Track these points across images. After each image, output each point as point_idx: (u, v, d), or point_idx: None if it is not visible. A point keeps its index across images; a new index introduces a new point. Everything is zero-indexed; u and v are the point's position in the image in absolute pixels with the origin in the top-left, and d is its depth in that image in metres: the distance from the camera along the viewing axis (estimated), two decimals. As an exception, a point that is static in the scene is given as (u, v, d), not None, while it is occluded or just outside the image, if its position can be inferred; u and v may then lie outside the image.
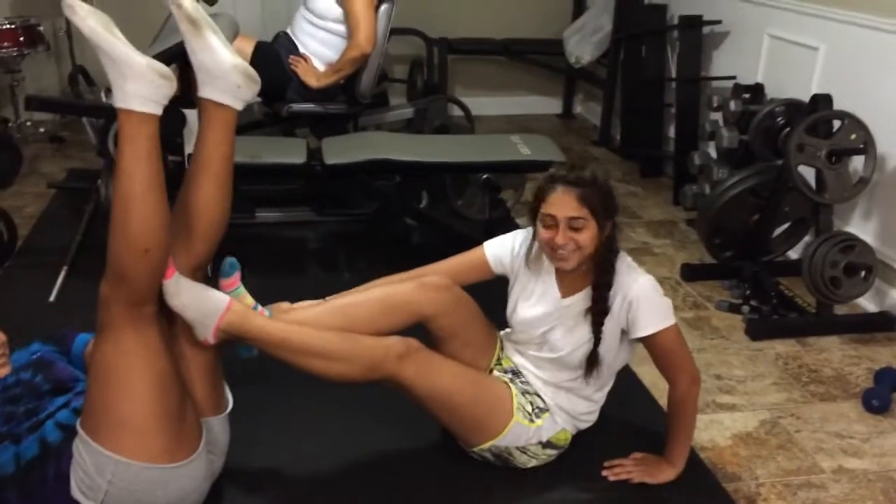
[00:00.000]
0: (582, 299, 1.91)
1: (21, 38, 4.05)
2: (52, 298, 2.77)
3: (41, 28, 4.19)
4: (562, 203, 1.80)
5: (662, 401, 2.33)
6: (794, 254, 3.23)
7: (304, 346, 1.77)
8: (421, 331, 1.94)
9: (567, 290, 1.93)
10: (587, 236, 1.81)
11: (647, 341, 1.88)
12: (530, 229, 1.97)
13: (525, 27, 5.15)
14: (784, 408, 2.35)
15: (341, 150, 2.90)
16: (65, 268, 2.92)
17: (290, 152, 2.93)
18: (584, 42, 4.76)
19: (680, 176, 3.89)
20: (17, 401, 1.77)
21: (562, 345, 1.92)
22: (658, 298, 1.87)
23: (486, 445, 1.93)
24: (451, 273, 1.99)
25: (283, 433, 2.11)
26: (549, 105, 5.52)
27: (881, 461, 2.12)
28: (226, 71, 1.68)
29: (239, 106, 1.74)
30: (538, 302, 1.97)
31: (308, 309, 1.92)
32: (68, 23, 4.37)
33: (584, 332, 1.90)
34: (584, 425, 2.04)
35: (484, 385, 1.93)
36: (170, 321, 1.72)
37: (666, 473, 1.96)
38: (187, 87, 2.74)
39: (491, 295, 2.05)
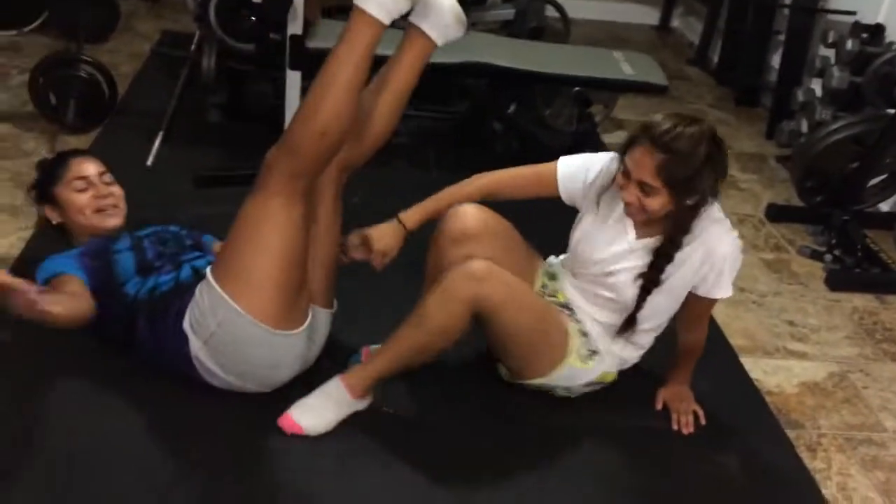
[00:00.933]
0: (653, 246, 1.82)
1: None
2: (149, 163, 2.85)
3: None
4: (640, 163, 1.69)
5: (732, 339, 2.37)
6: (884, 206, 3.15)
7: (413, 352, 1.82)
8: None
9: (642, 231, 1.83)
10: (657, 203, 1.71)
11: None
12: (608, 156, 1.88)
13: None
14: (854, 362, 2.36)
15: (440, 49, 2.85)
16: (161, 133, 2.99)
17: (388, 44, 2.89)
18: (696, -47, 4.52)
19: (778, 109, 3.76)
20: (165, 242, 1.98)
21: (623, 289, 1.85)
22: (739, 264, 1.84)
23: (536, 381, 1.92)
24: (515, 181, 1.97)
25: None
26: (646, 15, 5.31)
27: (946, 429, 2.15)
28: (443, 9, 1.80)
29: (441, 42, 1.85)
30: (609, 237, 1.87)
31: None
32: None
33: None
34: (628, 365, 2.01)
35: (548, 320, 1.88)
36: (315, 206, 1.81)
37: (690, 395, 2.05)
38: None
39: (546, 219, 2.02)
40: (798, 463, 1.96)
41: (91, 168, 2.01)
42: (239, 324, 1.71)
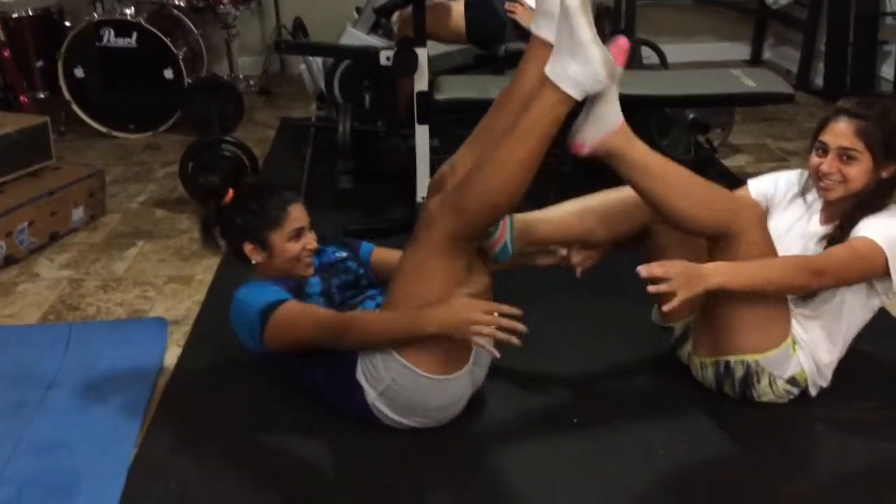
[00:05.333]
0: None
1: (236, -4, 4.33)
2: (295, 227, 2.98)
3: (253, -15, 4.46)
4: (837, 132, 1.81)
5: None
6: None
7: (676, 184, 1.76)
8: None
9: (827, 219, 1.91)
10: (857, 170, 1.80)
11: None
12: (796, 171, 2.01)
13: (716, -31, 4.99)
14: None
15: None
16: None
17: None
18: (784, -19, 4.56)
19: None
20: (349, 287, 1.99)
21: None
22: (892, 228, 1.78)
23: (749, 358, 1.84)
24: None
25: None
26: (736, 51, 5.32)
27: None
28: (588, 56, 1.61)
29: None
30: (799, 228, 1.95)
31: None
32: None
33: None
34: (820, 380, 1.93)
35: (783, 294, 1.86)
36: None
37: (697, 284, 1.70)
38: (419, 30, 2.87)
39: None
40: None
41: (305, 218, 1.92)
42: (411, 378, 1.74)
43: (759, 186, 2.05)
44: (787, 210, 2.00)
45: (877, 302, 1.89)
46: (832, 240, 1.84)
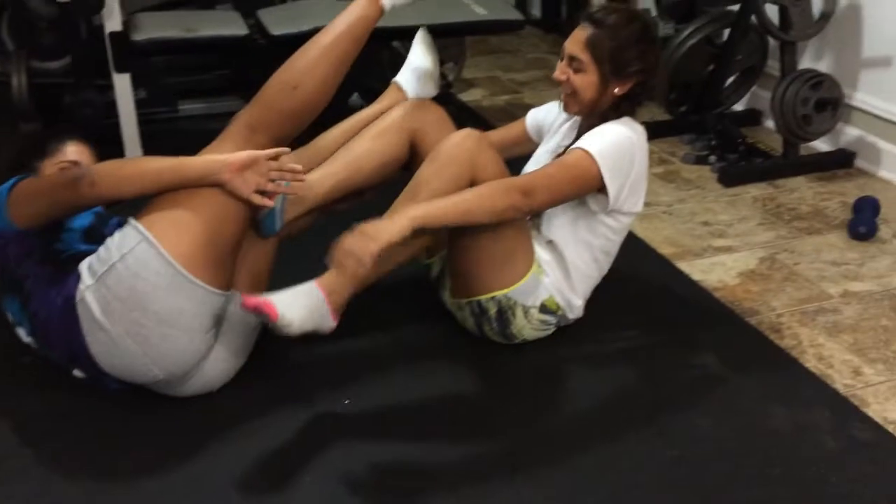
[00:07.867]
0: None
1: None
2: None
3: None
4: (573, 38, 1.74)
5: (660, 249, 2.33)
6: (738, 107, 3.26)
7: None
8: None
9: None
10: (583, 82, 1.73)
11: None
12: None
13: None
14: (776, 244, 2.38)
15: (286, 20, 2.60)
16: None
17: (226, 24, 2.60)
18: None
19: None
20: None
21: None
22: (612, 137, 1.70)
23: (498, 293, 1.76)
24: (502, 143, 1.96)
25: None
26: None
27: (881, 282, 2.19)
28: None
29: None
30: (550, 150, 1.91)
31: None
32: None
33: None
34: (571, 312, 1.87)
35: (519, 225, 1.76)
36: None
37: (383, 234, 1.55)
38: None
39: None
40: (772, 346, 1.92)
41: (82, 156, 1.80)
42: (146, 255, 1.49)
43: (535, 114, 2.01)
44: (556, 133, 1.93)
45: (611, 224, 1.80)
46: (562, 154, 1.79)
